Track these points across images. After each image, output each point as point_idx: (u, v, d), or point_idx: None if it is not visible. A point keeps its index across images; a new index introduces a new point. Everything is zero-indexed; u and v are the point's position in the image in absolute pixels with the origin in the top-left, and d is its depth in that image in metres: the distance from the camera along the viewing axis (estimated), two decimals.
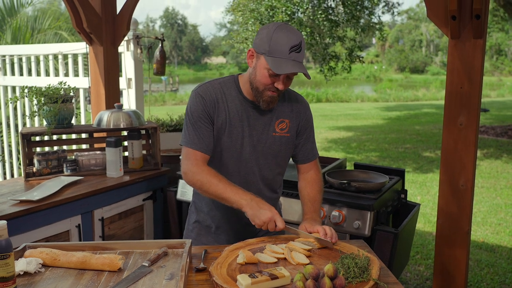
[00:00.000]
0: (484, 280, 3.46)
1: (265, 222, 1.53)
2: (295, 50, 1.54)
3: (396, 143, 9.35)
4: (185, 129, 1.71)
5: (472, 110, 2.17)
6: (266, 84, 1.60)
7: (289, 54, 1.54)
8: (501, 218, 4.89)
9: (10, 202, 2.18)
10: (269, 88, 1.61)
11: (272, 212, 1.54)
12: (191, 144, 1.67)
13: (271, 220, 1.53)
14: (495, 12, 13.37)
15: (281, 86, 1.59)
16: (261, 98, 1.64)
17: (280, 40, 1.54)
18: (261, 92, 1.62)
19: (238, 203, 1.57)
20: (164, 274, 1.39)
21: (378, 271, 1.37)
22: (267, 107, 1.66)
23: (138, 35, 3.73)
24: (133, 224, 2.75)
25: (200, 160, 1.66)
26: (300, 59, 1.56)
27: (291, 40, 1.54)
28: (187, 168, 1.67)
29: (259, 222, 1.53)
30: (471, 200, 2.24)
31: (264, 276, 1.29)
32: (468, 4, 2.08)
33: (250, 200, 1.56)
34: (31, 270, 1.38)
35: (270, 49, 1.55)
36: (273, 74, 1.57)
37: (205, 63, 50.78)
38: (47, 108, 2.58)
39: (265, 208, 1.55)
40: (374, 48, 44.80)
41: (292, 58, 1.54)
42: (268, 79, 1.59)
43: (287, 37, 1.54)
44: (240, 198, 1.57)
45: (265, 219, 1.53)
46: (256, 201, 1.57)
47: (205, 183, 1.62)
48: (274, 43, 1.54)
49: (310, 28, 8.61)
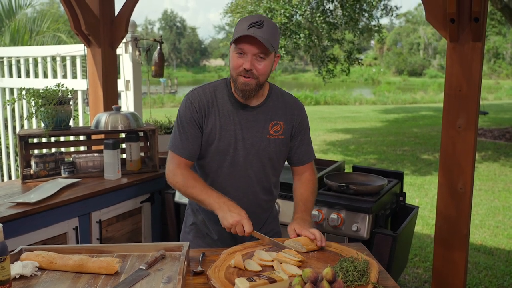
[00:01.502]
0: (483, 282, 3.46)
1: (232, 225, 1.54)
2: (254, 26, 1.55)
3: (394, 145, 9.35)
4: (173, 133, 1.74)
5: (470, 112, 2.17)
6: (236, 67, 1.61)
7: (248, 29, 1.55)
8: (499, 220, 4.89)
9: (6, 204, 2.16)
10: (240, 72, 1.60)
11: (240, 216, 1.55)
12: (175, 149, 1.71)
13: (239, 223, 1.54)
14: (492, 16, 13.41)
15: (248, 65, 1.58)
16: (237, 88, 1.64)
17: (242, 21, 1.60)
18: (236, 80, 1.63)
19: (211, 206, 1.61)
20: (161, 277, 1.38)
21: (377, 275, 1.37)
22: (243, 96, 1.64)
23: (136, 37, 3.72)
24: (131, 226, 2.74)
25: (182, 164, 1.70)
26: (260, 35, 1.54)
27: (252, 18, 1.58)
28: (169, 170, 1.73)
29: (227, 224, 1.55)
30: (469, 203, 2.24)
31: (262, 279, 1.28)
32: (467, 7, 2.08)
33: (222, 204, 1.59)
34: (27, 273, 1.37)
35: (234, 33, 1.60)
36: (239, 53, 1.58)
37: (203, 65, 50.81)
38: (44, 110, 2.57)
39: (234, 211, 1.56)
40: (372, 51, 44.90)
41: (251, 33, 1.55)
42: (236, 61, 1.60)
43: (249, 17, 1.60)
44: (213, 201, 1.60)
45: (233, 221, 1.54)
46: (228, 204, 1.59)
47: (184, 185, 1.67)
48: (237, 27, 1.60)
49: (308, 30, 8.63)
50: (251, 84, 1.61)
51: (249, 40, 1.56)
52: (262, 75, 1.62)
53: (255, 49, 1.57)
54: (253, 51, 1.57)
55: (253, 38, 1.54)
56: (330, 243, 1.64)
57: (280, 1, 8.35)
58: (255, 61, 1.59)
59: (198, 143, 1.70)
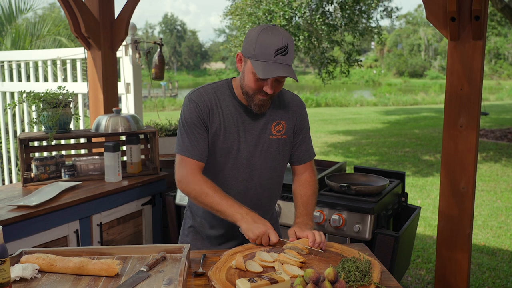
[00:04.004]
0: (486, 283, 3.44)
1: (258, 236, 1.53)
2: (281, 53, 1.50)
3: (395, 147, 9.33)
4: (179, 136, 1.69)
5: (472, 112, 2.16)
6: (254, 89, 1.57)
7: (274, 57, 1.50)
8: (502, 221, 4.87)
9: (7, 207, 2.16)
10: (259, 92, 1.58)
11: (266, 227, 1.54)
12: (185, 152, 1.66)
13: (265, 234, 1.53)
14: (492, 16, 13.41)
15: (270, 90, 1.55)
16: (252, 102, 1.62)
17: (265, 43, 1.50)
18: (251, 96, 1.60)
19: (233, 217, 1.57)
20: (162, 279, 1.37)
21: (379, 275, 1.36)
22: (259, 110, 1.63)
23: (136, 40, 3.72)
24: (132, 229, 2.73)
25: (195, 169, 1.65)
26: (287, 62, 1.52)
27: (277, 42, 1.50)
28: (181, 176, 1.66)
29: (253, 236, 1.54)
30: (472, 203, 2.23)
31: (263, 280, 1.27)
32: (467, 5, 2.07)
33: (245, 214, 1.57)
34: (27, 276, 1.36)
35: (256, 53, 1.52)
36: (260, 78, 1.54)
37: (204, 68, 50.87)
38: (46, 114, 2.57)
39: (259, 222, 1.55)
40: (373, 52, 44.92)
41: (279, 61, 1.50)
42: (255, 83, 1.56)
43: (272, 39, 1.50)
44: (235, 211, 1.57)
45: (259, 233, 1.53)
46: (251, 215, 1.57)
47: (200, 194, 1.62)
48: (259, 46, 1.51)
49: (308, 32, 8.63)
50: (268, 101, 1.61)
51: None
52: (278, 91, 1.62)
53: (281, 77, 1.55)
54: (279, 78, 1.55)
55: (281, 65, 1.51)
56: (332, 244, 1.62)
57: (280, 3, 8.35)
58: (275, 83, 1.57)
59: (206, 143, 1.67)
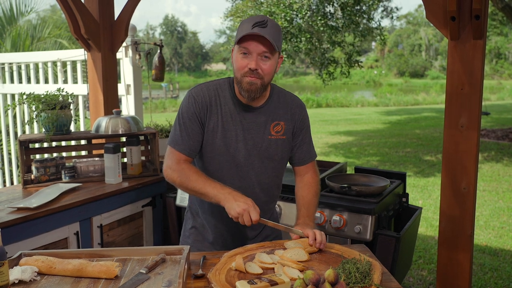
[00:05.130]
0: (488, 284, 3.42)
1: (239, 213, 1.51)
2: (258, 25, 1.54)
3: (396, 147, 9.32)
4: (173, 128, 1.71)
5: (473, 111, 2.15)
6: (241, 68, 1.59)
7: (252, 29, 1.54)
8: (504, 221, 4.85)
9: (7, 209, 2.15)
10: (245, 73, 1.59)
11: (247, 204, 1.52)
12: (175, 145, 1.68)
13: (245, 212, 1.50)
14: (493, 16, 13.39)
15: (253, 64, 1.56)
16: (242, 89, 1.62)
17: (245, 22, 1.59)
18: (240, 81, 1.61)
19: (216, 198, 1.57)
20: (161, 281, 1.36)
21: (380, 276, 1.35)
22: (248, 96, 1.62)
23: (136, 41, 3.72)
24: (133, 230, 2.72)
25: (181, 160, 1.67)
26: (264, 33, 1.53)
27: (255, 18, 1.57)
28: (167, 165, 1.68)
29: (234, 213, 1.51)
30: (473, 203, 2.21)
31: (263, 282, 1.26)
32: (467, 4, 2.06)
33: (227, 194, 1.55)
34: (26, 278, 1.35)
35: (237, 34, 1.59)
36: (243, 53, 1.57)
37: (205, 69, 50.91)
38: (44, 115, 2.57)
39: (240, 200, 1.53)
40: (373, 53, 44.89)
41: (256, 31, 1.53)
42: (241, 62, 1.58)
43: (252, 17, 1.59)
44: (217, 192, 1.57)
45: (240, 210, 1.50)
46: (233, 194, 1.55)
47: (184, 179, 1.62)
48: (240, 28, 1.59)
49: (309, 33, 8.62)
50: (256, 83, 1.59)
51: (254, 38, 1.54)
52: (267, 75, 1.61)
53: (260, 48, 1.55)
54: (259, 50, 1.56)
55: (258, 36, 1.53)
56: (332, 245, 1.61)
57: (281, 4, 8.35)
58: (260, 60, 1.57)
59: (198, 139, 1.68)
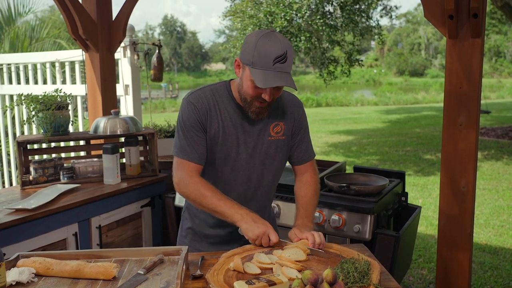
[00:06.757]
0: (488, 282, 3.42)
1: (258, 236, 1.52)
2: (280, 61, 1.48)
3: (396, 146, 9.32)
4: (176, 138, 1.68)
5: (472, 110, 2.14)
6: (252, 96, 1.56)
7: (273, 65, 1.48)
8: (504, 220, 4.85)
9: (5, 211, 2.15)
10: (257, 99, 1.57)
11: (266, 227, 1.54)
12: (183, 154, 1.64)
13: (265, 234, 1.53)
14: (492, 14, 13.38)
15: (268, 97, 1.54)
16: (249, 109, 1.60)
17: (264, 50, 1.48)
18: (249, 103, 1.59)
19: (232, 218, 1.57)
20: (159, 282, 1.36)
21: (379, 276, 1.34)
22: (256, 117, 1.62)
23: (134, 41, 3.71)
24: (132, 231, 2.72)
25: (193, 171, 1.64)
26: (285, 70, 1.50)
27: (276, 50, 1.47)
28: (179, 179, 1.64)
29: (253, 236, 1.53)
30: (472, 202, 2.21)
31: (261, 282, 1.26)
32: (465, 3, 2.06)
33: (245, 215, 1.56)
34: (23, 280, 1.35)
35: (254, 61, 1.49)
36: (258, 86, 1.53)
37: (204, 69, 50.90)
38: (42, 115, 2.56)
39: (259, 222, 1.54)
40: (373, 52, 44.87)
41: (277, 69, 1.48)
42: (254, 91, 1.54)
43: (271, 47, 1.47)
44: (235, 212, 1.57)
45: (259, 233, 1.52)
46: (251, 216, 1.56)
47: (199, 196, 1.61)
48: (258, 54, 1.48)
49: (308, 33, 8.62)
50: (265, 108, 1.60)
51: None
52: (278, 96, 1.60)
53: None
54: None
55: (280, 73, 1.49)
56: (331, 245, 1.61)
57: (280, 4, 8.35)
58: (274, 90, 1.55)
59: (204, 145, 1.66)
